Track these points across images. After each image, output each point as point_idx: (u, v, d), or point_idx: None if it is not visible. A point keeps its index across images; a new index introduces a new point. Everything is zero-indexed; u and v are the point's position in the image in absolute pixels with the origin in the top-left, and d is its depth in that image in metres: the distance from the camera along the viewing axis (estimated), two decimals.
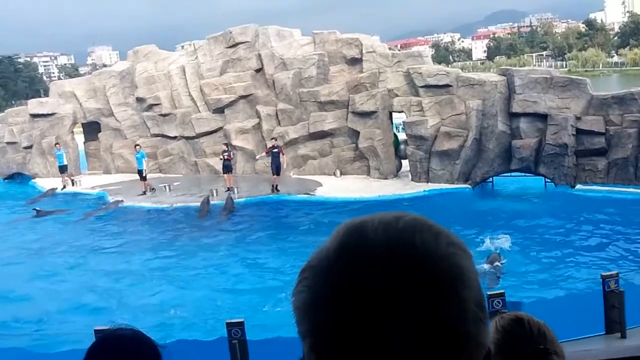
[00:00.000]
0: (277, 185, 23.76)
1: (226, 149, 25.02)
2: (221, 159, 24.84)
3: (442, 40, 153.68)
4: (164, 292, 15.11)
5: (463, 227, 17.64)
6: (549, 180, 22.45)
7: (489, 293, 9.21)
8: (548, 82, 22.11)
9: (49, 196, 27.88)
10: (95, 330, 9.02)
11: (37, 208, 24.62)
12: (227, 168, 24.59)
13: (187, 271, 16.64)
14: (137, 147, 26.67)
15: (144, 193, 25.35)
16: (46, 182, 30.13)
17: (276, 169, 23.81)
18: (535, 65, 78.53)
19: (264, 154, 25.15)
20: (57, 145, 29.29)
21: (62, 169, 29.04)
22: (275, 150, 23.92)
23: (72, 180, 29.12)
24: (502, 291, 9.46)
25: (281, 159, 23.98)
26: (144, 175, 25.67)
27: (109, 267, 17.27)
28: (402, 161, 25.29)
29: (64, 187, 28.73)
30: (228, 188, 24.26)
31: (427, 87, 23.56)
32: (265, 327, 11.11)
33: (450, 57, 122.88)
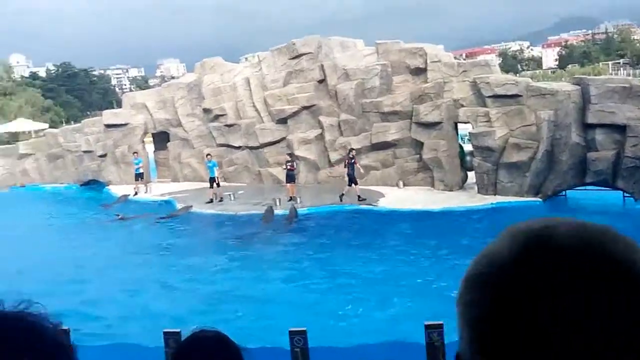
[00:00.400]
0: (359, 196, 23.82)
1: (289, 159, 25.38)
2: (284, 169, 25.19)
3: (509, 48, 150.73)
4: (227, 296, 15.36)
5: None
6: (628, 195, 21.55)
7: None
8: (627, 91, 21.08)
9: (121, 202, 28.95)
10: (164, 332, 9.40)
11: (119, 214, 25.66)
12: (290, 178, 24.90)
13: (251, 276, 16.88)
14: (209, 156, 27.45)
15: (211, 201, 25.81)
16: (119, 189, 31.43)
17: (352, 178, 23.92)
18: (611, 74, 76.07)
19: (344, 164, 24.90)
20: (135, 154, 30.69)
21: (138, 176, 30.16)
22: (352, 160, 24.05)
23: (146, 188, 30.10)
24: None
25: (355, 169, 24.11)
26: (216, 182, 26.20)
27: (179, 269, 17.75)
28: (468, 173, 24.95)
29: (136, 193, 29.87)
30: (290, 197, 24.51)
31: (495, 97, 23.09)
32: (327, 335, 11.15)
33: (519, 66, 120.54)
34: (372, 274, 16.22)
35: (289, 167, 24.95)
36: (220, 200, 25.94)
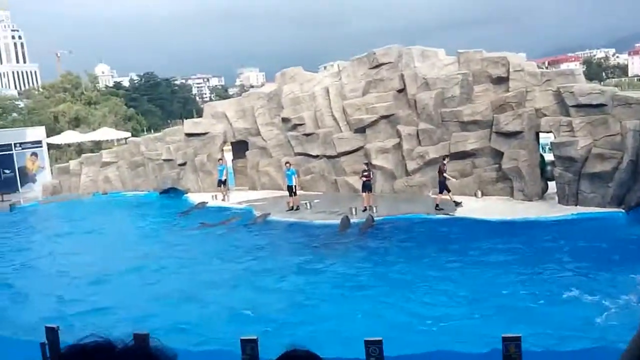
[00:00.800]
0: (455, 201, 24.57)
1: (366, 168, 25.95)
2: (361, 178, 25.75)
3: (594, 56, 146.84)
4: (303, 303, 15.99)
5: (619, 256, 17.27)
6: None
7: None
8: None
9: (199, 209, 30.20)
10: (241, 340, 10.03)
11: (203, 221, 26.67)
12: (367, 187, 25.51)
13: (325, 284, 17.44)
14: (288, 164, 28.34)
15: (292, 209, 26.70)
16: (197, 197, 32.73)
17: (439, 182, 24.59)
18: None
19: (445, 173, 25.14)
20: (220, 161, 32.31)
21: (220, 183, 31.59)
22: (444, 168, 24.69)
23: (224, 196, 31.31)
24: None
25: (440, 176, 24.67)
26: (294, 191, 27.06)
27: (256, 277, 18.50)
28: (549, 183, 24.94)
29: (222, 199, 31.24)
30: (365, 208, 25.07)
31: (579, 106, 23.06)
32: (403, 343, 11.49)
33: (603, 74, 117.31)
34: (448, 282, 16.50)
35: (365, 176, 25.52)
36: (297, 209, 26.72)
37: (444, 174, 24.58)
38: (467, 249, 19.45)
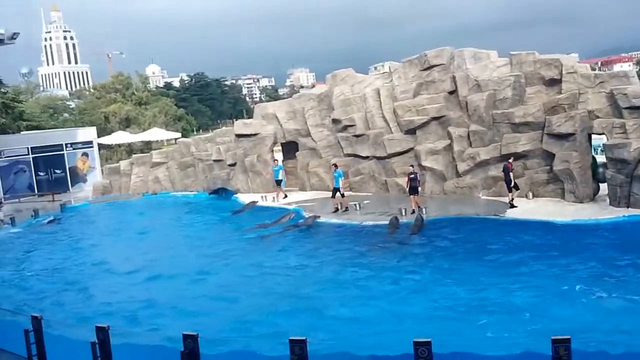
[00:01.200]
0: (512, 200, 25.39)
1: (412, 171, 26.75)
2: (408, 181, 26.58)
3: None
4: (354, 303, 16.84)
5: None
6: None
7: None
8: None
9: (249, 209, 31.37)
10: (290, 340, 10.73)
11: (262, 223, 27.58)
12: (414, 190, 26.28)
13: (373, 285, 18.22)
14: (334, 166, 29.31)
15: (336, 210, 27.62)
16: (247, 197, 33.97)
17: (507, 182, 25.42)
18: None
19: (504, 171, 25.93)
20: (276, 161, 33.92)
21: (277, 183, 33.13)
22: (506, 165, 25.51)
23: (281, 196, 32.76)
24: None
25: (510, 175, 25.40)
26: (340, 193, 28.02)
27: (305, 278, 19.44)
28: (600, 185, 25.35)
29: (268, 199, 32.62)
30: (414, 210, 25.79)
31: (632, 108, 23.42)
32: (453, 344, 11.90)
33: None
34: (499, 283, 17.04)
35: (411, 179, 26.35)
36: (346, 210, 27.65)
37: (510, 174, 25.31)
38: (517, 250, 19.95)
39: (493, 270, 18.34)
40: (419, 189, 26.73)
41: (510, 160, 25.78)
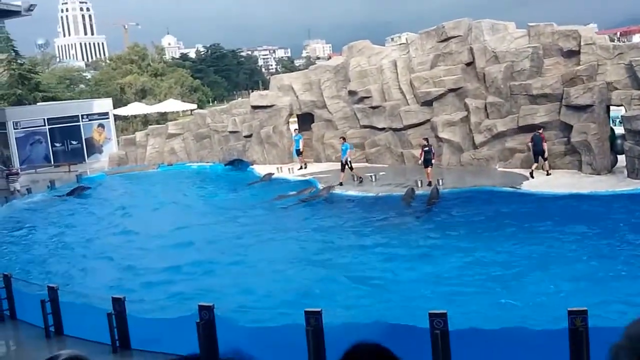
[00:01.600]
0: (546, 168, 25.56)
1: (426, 143, 26.60)
2: (421, 154, 26.55)
3: None
4: (361, 277, 17.06)
5: None
6: None
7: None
8: None
9: (266, 181, 31.65)
10: (305, 311, 10.84)
11: (281, 194, 27.82)
12: (427, 162, 26.11)
13: (385, 257, 18.45)
14: (342, 139, 29.50)
15: (341, 184, 27.76)
16: (262, 169, 34.08)
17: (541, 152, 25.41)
18: None
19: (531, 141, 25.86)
20: (296, 131, 34.39)
21: (298, 152, 33.61)
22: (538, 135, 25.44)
23: (302, 165, 33.28)
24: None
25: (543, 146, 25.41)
26: (350, 165, 28.14)
27: (318, 248, 19.76)
28: (618, 157, 25.25)
29: (301, 167, 33.11)
30: (430, 182, 25.80)
31: None
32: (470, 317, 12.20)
33: None
34: (514, 256, 17.18)
35: (425, 152, 26.20)
36: (361, 181, 27.79)
37: (544, 144, 25.31)
38: (533, 222, 20.08)
39: (506, 242, 18.46)
40: (433, 161, 26.60)
41: (541, 131, 25.57)
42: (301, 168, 32.87)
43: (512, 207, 22.17)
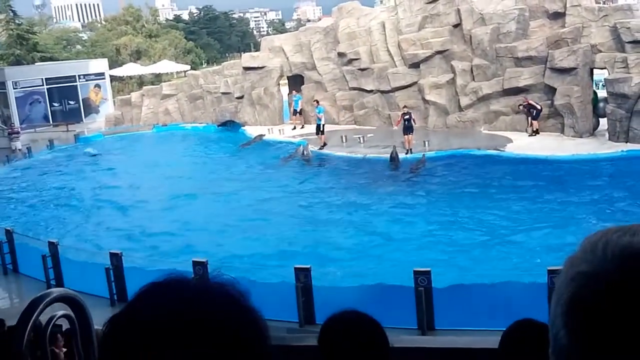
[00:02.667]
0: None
1: (406, 111, 25.48)
2: (398, 122, 25.80)
3: None
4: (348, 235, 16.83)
5: None
6: None
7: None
8: None
9: (257, 142, 31.19)
10: (295, 268, 10.76)
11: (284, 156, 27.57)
12: (408, 129, 25.20)
13: (369, 217, 18.31)
14: (316, 102, 29.03)
15: (322, 147, 27.36)
16: (254, 130, 33.49)
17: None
18: None
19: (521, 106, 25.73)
20: (294, 92, 33.22)
21: (295, 112, 33.07)
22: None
23: (299, 125, 32.67)
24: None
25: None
26: (321, 130, 27.77)
27: (306, 211, 19.46)
28: (600, 120, 24.93)
29: (295, 128, 32.58)
30: (408, 150, 25.06)
31: (635, 42, 23.00)
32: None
33: None
34: (493, 217, 17.11)
35: (406, 118, 25.21)
36: (324, 146, 27.52)
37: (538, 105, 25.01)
38: (515, 185, 20.00)
39: (493, 203, 18.35)
40: (414, 127, 25.55)
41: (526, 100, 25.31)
42: (295, 128, 32.21)
43: (494, 170, 21.98)
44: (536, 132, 25.16)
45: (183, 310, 0.99)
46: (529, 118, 25.40)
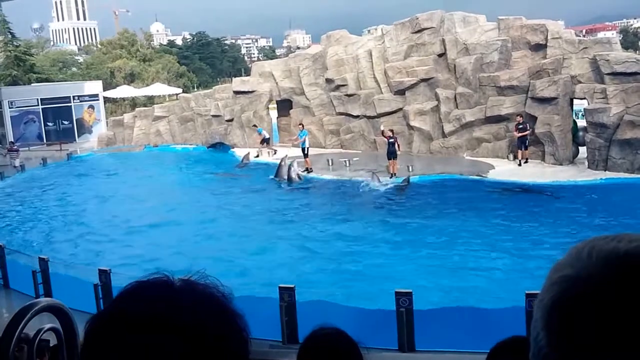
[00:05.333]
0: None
1: (391, 135, 24.96)
2: (386, 144, 25.17)
3: (631, 25, 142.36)
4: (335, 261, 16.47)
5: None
6: None
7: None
8: None
9: (247, 162, 30.85)
10: (280, 287, 10.47)
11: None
12: (392, 154, 24.63)
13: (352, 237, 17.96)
14: (301, 125, 28.35)
15: (307, 170, 26.82)
16: (243, 152, 33.07)
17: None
18: None
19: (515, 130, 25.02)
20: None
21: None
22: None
23: (269, 152, 31.94)
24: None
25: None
26: (306, 153, 27.21)
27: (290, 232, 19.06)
28: (580, 148, 24.85)
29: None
30: (392, 174, 24.55)
31: (614, 74, 22.98)
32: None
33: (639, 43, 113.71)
34: (471, 240, 16.78)
35: (391, 142, 24.61)
36: (308, 171, 26.91)
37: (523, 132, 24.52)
38: (493, 209, 19.73)
39: (471, 225, 18.10)
40: (398, 152, 24.94)
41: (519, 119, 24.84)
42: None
43: (476, 195, 21.65)
44: (526, 160, 24.86)
45: (165, 308, 0.98)
46: (520, 148, 24.86)
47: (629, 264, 0.84)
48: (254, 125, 29.09)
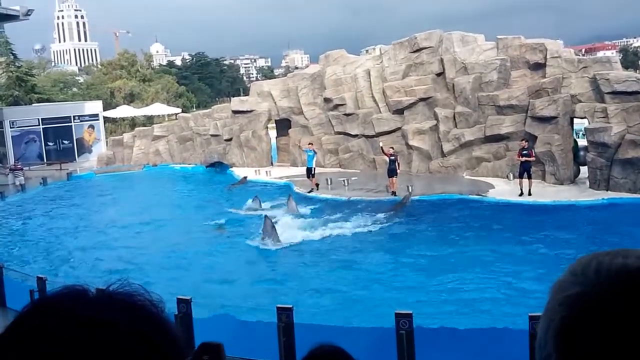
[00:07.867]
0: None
1: (392, 153, 24.59)
2: (387, 163, 24.79)
3: (631, 44, 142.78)
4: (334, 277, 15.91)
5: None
6: None
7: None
8: None
9: (243, 183, 30.04)
10: (277, 308, 10.13)
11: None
12: (392, 172, 24.24)
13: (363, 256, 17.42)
14: (310, 145, 27.20)
15: (311, 191, 26.12)
16: (241, 171, 32.63)
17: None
18: None
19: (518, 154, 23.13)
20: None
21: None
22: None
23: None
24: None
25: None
26: (312, 173, 26.38)
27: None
28: (581, 168, 24.35)
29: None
30: (394, 192, 24.12)
31: (614, 93, 22.57)
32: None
33: None
34: (468, 261, 16.30)
35: (391, 160, 24.23)
36: (310, 191, 26.10)
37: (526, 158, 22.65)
38: (496, 230, 19.23)
39: (467, 249, 17.57)
40: (398, 171, 24.40)
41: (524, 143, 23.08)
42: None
43: (475, 215, 21.25)
44: (529, 193, 22.36)
45: (78, 317, 0.89)
46: (522, 176, 22.62)
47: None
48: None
